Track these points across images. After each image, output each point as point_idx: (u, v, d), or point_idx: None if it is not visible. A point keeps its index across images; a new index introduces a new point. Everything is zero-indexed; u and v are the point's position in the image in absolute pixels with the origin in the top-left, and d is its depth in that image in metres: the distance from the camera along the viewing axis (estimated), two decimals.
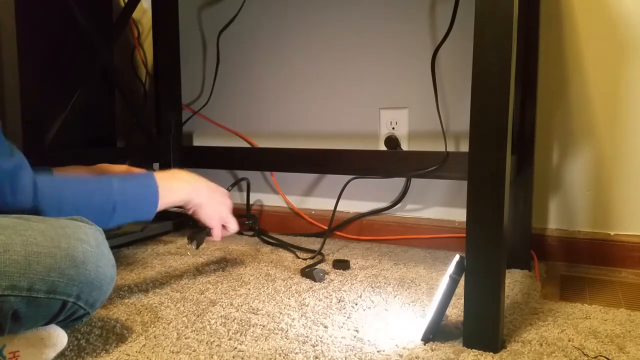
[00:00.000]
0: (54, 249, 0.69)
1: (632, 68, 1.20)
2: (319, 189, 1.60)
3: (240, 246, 1.44)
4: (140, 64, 1.85)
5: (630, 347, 0.81)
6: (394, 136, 1.46)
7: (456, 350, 0.80)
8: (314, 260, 1.28)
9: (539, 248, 1.29)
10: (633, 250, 1.23)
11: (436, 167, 1.19)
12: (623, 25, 1.20)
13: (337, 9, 1.51)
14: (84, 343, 0.83)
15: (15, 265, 0.65)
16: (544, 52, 1.27)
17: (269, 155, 1.45)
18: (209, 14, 1.71)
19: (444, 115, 1.37)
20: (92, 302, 0.74)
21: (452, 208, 1.42)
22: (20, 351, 0.70)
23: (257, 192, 1.69)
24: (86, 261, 0.71)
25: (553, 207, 1.31)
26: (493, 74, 0.76)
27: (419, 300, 1.03)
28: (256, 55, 1.64)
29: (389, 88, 1.47)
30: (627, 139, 1.22)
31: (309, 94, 1.58)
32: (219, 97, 1.70)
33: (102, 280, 0.74)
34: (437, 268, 1.24)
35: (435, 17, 1.39)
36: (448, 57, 1.36)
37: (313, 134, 1.58)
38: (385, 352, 0.80)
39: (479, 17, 0.77)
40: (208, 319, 0.93)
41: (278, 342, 0.83)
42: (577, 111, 1.27)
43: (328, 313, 0.96)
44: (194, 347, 0.82)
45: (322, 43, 1.54)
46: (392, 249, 1.42)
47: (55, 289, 0.68)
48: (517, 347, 0.82)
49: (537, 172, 1.29)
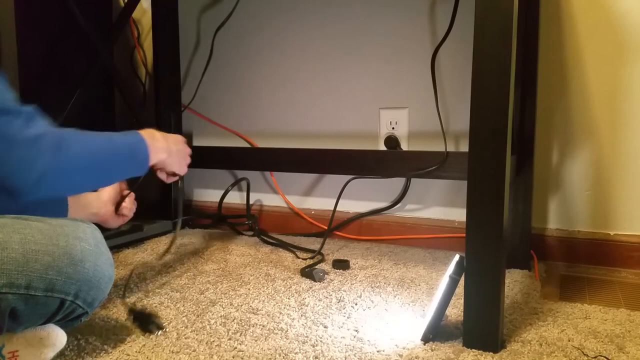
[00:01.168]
0: (52, 247, 0.69)
1: (632, 68, 1.20)
2: (319, 189, 1.60)
3: (240, 246, 1.44)
4: (140, 64, 1.85)
5: (630, 347, 0.81)
6: (393, 136, 1.46)
7: (456, 350, 0.80)
8: (313, 260, 1.28)
9: (539, 248, 1.29)
10: (633, 250, 1.23)
11: (436, 167, 1.19)
12: (623, 25, 1.20)
13: (338, 9, 1.51)
14: (83, 343, 0.83)
15: (13, 262, 0.65)
16: (544, 52, 1.27)
17: (269, 155, 1.45)
18: (207, 13, 1.70)
19: (443, 115, 1.37)
20: (91, 300, 0.74)
21: (451, 208, 1.42)
22: (19, 351, 0.70)
23: (257, 192, 1.69)
24: (84, 259, 0.71)
25: (553, 207, 1.31)
26: (493, 74, 0.76)
27: (419, 300, 1.03)
28: (256, 55, 1.64)
29: (389, 88, 1.47)
30: (627, 139, 1.22)
31: (309, 94, 1.58)
32: (219, 97, 1.71)
33: (101, 279, 0.74)
34: (437, 268, 1.24)
35: (435, 17, 1.39)
36: (448, 57, 1.36)
37: (313, 134, 1.58)
38: (385, 352, 0.80)
39: (479, 17, 0.77)
40: (208, 319, 0.93)
41: (278, 342, 0.83)
42: (577, 111, 1.27)
43: (328, 313, 0.96)
44: (193, 347, 0.82)
45: (322, 43, 1.54)
46: (392, 249, 1.42)
47: (53, 287, 0.68)
48: (517, 347, 0.82)
49: (537, 172, 1.29)
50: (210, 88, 1.71)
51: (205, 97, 1.71)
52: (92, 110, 1.67)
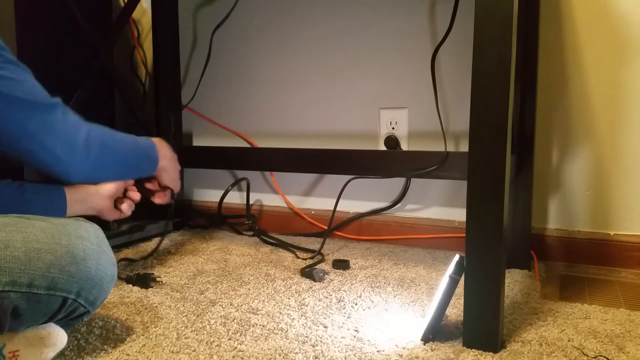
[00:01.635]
0: (55, 245, 0.69)
1: (632, 68, 1.20)
2: (319, 189, 1.60)
3: (240, 246, 1.44)
4: (140, 64, 1.85)
5: (630, 347, 0.81)
6: (393, 136, 1.46)
7: (456, 350, 0.80)
8: (313, 260, 1.28)
9: (539, 248, 1.29)
10: (633, 250, 1.23)
11: (436, 167, 1.19)
12: (623, 24, 1.20)
13: (338, 9, 1.51)
14: (83, 343, 0.83)
15: (15, 261, 0.65)
16: (544, 52, 1.27)
17: (269, 155, 1.45)
18: (206, 13, 1.70)
19: (443, 115, 1.37)
20: (93, 299, 0.74)
21: (451, 208, 1.42)
22: (20, 350, 0.70)
23: (257, 192, 1.69)
24: (86, 258, 0.72)
25: (553, 207, 1.31)
26: (493, 74, 0.76)
27: (419, 300, 1.03)
28: (256, 54, 1.64)
29: (389, 88, 1.47)
30: (627, 139, 1.22)
31: (309, 94, 1.58)
32: (219, 97, 1.71)
33: (103, 278, 0.74)
34: (437, 268, 1.24)
35: (435, 17, 1.39)
36: (448, 57, 1.36)
37: (313, 134, 1.58)
38: (385, 352, 0.80)
39: (479, 17, 0.77)
40: (208, 319, 0.93)
41: (278, 342, 0.83)
42: (577, 111, 1.27)
43: (328, 313, 0.96)
44: (193, 347, 0.82)
45: (322, 42, 1.54)
46: (392, 249, 1.42)
47: (55, 285, 0.68)
48: (516, 347, 0.82)
49: (537, 171, 1.29)
50: (210, 88, 1.71)
51: (205, 97, 1.71)
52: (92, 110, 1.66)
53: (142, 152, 0.96)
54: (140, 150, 0.96)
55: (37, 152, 0.74)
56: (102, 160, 0.83)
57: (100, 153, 0.82)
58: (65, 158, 0.76)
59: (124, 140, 0.90)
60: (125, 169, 0.93)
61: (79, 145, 0.78)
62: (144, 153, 0.97)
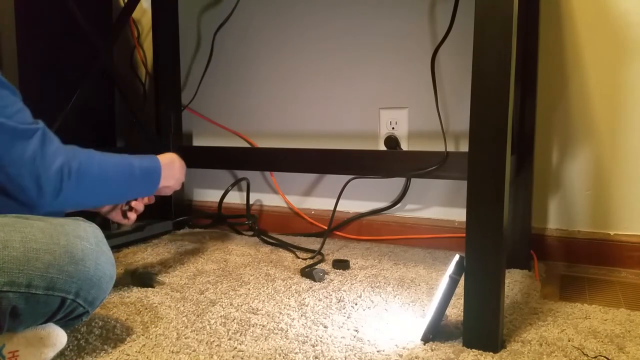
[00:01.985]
0: (53, 245, 0.69)
1: (632, 68, 1.20)
2: (319, 189, 1.60)
3: (240, 246, 1.44)
4: (140, 64, 1.85)
5: (630, 347, 0.81)
6: (393, 136, 1.46)
7: (456, 350, 0.80)
8: (313, 260, 1.28)
9: (539, 248, 1.29)
10: (633, 250, 1.23)
11: (436, 167, 1.19)
12: (623, 24, 1.20)
13: (338, 9, 1.51)
14: (83, 343, 0.83)
15: (14, 261, 0.65)
16: (544, 52, 1.27)
17: (269, 155, 1.45)
18: (207, 13, 1.70)
19: (443, 115, 1.37)
20: (91, 299, 0.74)
21: (451, 208, 1.42)
22: (19, 351, 0.70)
23: (257, 192, 1.69)
24: (85, 258, 0.72)
25: (553, 207, 1.31)
26: (493, 74, 0.76)
27: (419, 300, 1.03)
28: (256, 55, 1.64)
29: (389, 88, 1.47)
30: (627, 139, 1.22)
31: (309, 94, 1.58)
32: (219, 97, 1.71)
33: (102, 278, 0.74)
34: (437, 268, 1.24)
35: (435, 17, 1.39)
36: (448, 58, 1.36)
37: (313, 134, 1.58)
38: (385, 352, 0.80)
39: (478, 17, 0.77)
40: (208, 319, 0.93)
41: (278, 342, 0.83)
42: (577, 111, 1.27)
43: (328, 313, 0.96)
44: (193, 347, 0.82)
45: (322, 43, 1.54)
46: (392, 249, 1.42)
47: (54, 285, 0.68)
48: (516, 347, 0.82)
49: (537, 172, 1.29)
50: (210, 88, 1.71)
51: (205, 97, 1.71)
52: (92, 110, 1.67)
53: (138, 177, 0.91)
54: (135, 176, 0.90)
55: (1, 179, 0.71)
56: (81, 189, 0.78)
57: (78, 182, 0.77)
58: (30, 187, 0.71)
59: (117, 165, 0.86)
60: (113, 195, 0.89)
61: (49, 175, 0.73)
62: (140, 177, 0.92)
